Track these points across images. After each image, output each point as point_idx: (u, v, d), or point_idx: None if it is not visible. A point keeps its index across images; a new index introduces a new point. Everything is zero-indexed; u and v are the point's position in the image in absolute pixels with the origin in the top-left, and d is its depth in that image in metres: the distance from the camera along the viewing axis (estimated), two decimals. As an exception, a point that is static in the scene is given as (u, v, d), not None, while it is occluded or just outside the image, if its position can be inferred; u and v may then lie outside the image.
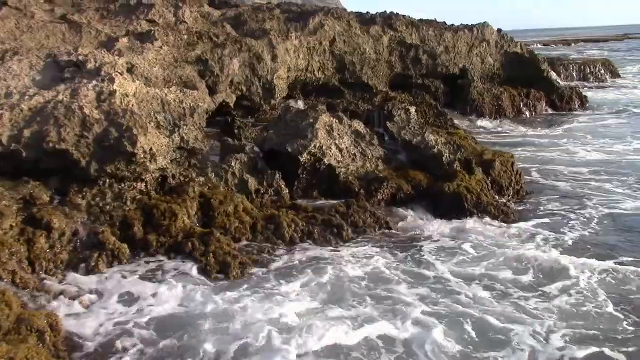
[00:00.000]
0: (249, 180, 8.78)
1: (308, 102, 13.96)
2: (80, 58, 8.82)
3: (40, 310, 5.59)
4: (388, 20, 17.56)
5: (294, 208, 8.59)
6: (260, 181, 8.86)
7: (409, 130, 10.57)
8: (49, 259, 6.68)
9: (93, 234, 7.11)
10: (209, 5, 15.03)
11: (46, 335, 5.16)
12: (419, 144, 10.24)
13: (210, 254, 7.11)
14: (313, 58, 15.14)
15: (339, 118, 10.14)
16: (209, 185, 8.49)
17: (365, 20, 17.30)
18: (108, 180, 7.70)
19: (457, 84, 18.42)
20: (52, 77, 8.49)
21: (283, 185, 8.98)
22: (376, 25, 17.05)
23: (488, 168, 10.13)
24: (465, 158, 10.04)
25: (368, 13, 18.03)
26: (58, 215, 7.03)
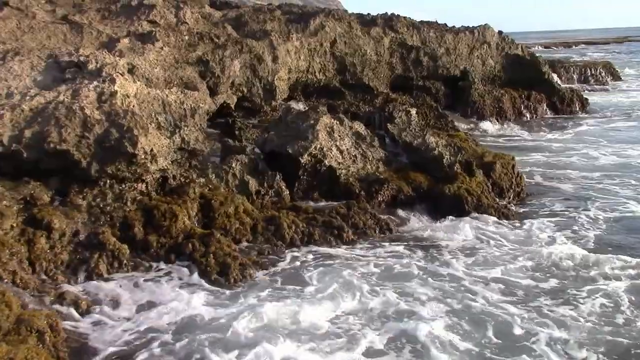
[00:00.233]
0: (249, 181, 8.78)
1: (309, 104, 13.97)
2: (81, 58, 8.83)
3: (41, 311, 5.58)
4: (389, 21, 17.55)
5: (294, 209, 8.59)
6: (260, 182, 8.87)
7: (410, 132, 10.57)
8: (49, 259, 6.68)
9: (93, 235, 7.11)
10: (210, 6, 15.03)
11: (46, 335, 5.15)
12: (420, 146, 10.24)
13: (210, 255, 7.11)
14: (314, 59, 15.14)
15: (339, 119, 10.14)
16: (210, 186, 8.49)
17: (366, 21, 17.29)
18: (108, 181, 7.70)
19: (458, 86, 18.41)
20: (53, 78, 8.50)
21: (283, 187, 8.98)
22: (377, 26, 17.04)
23: (488, 170, 10.14)
24: (465, 160, 10.04)
25: (369, 14, 18.02)
26: (58, 216, 7.03)
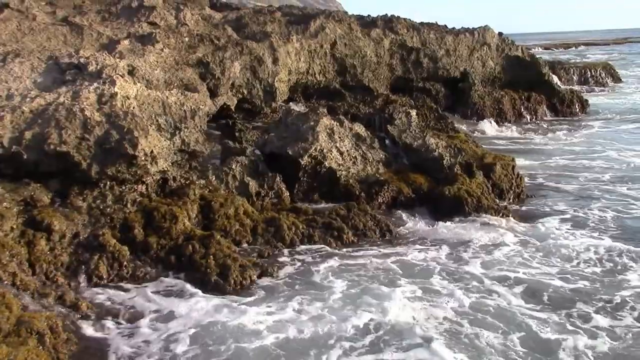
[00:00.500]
0: (249, 183, 8.78)
1: (309, 105, 13.96)
2: (82, 60, 8.84)
3: (41, 312, 5.58)
4: (389, 23, 17.56)
5: (294, 211, 8.59)
6: (260, 184, 8.87)
7: (410, 134, 10.57)
8: (49, 261, 6.68)
9: (93, 236, 7.10)
10: (210, 8, 15.04)
11: (46, 337, 5.16)
12: (420, 147, 10.24)
13: (210, 257, 7.10)
14: (314, 61, 15.14)
15: (339, 121, 10.15)
16: (210, 187, 8.49)
17: (366, 23, 17.30)
18: (109, 183, 7.70)
19: (458, 87, 18.41)
20: (53, 79, 8.50)
21: (283, 188, 8.99)
22: (377, 28, 17.04)
23: (488, 171, 10.15)
24: (465, 161, 10.06)
25: (369, 16, 18.02)
26: (58, 217, 7.03)
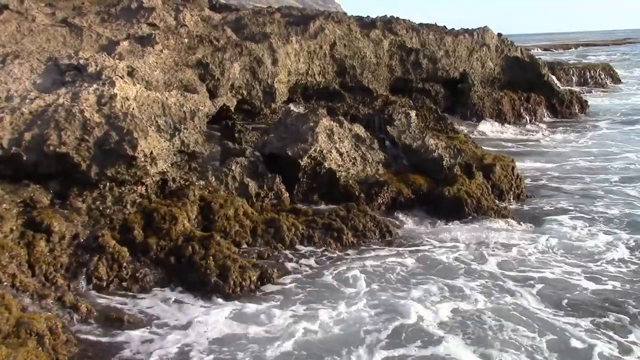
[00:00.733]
0: (249, 184, 8.78)
1: (308, 106, 13.97)
2: (81, 61, 8.84)
3: (40, 314, 5.58)
4: (388, 24, 17.57)
5: (294, 212, 8.59)
6: (260, 185, 8.87)
7: (409, 134, 10.58)
8: (49, 262, 6.67)
9: (93, 237, 7.10)
10: (210, 9, 15.05)
11: (45, 338, 5.15)
12: (419, 148, 10.25)
13: (210, 258, 7.10)
14: (313, 62, 15.15)
15: (339, 122, 10.15)
16: (209, 188, 8.49)
17: (366, 24, 17.31)
18: (108, 184, 7.70)
19: (457, 88, 18.42)
20: (53, 81, 8.50)
21: (283, 189, 8.98)
22: (376, 29, 17.05)
23: (488, 172, 10.16)
24: (465, 162, 10.06)
25: (368, 17, 18.04)
26: (58, 219, 7.03)
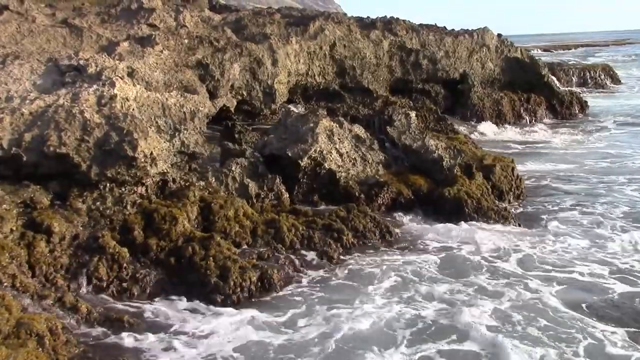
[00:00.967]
0: (249, 185, 8.78)
1: (308, 107, 13.98)
2: (81, 62, 8.84)
3: (41, 314, 5.57)
4: (388, 24, 17.58)
5: (294, 212, 8.59)
6: (260, 185, 8.86)
7: (409, 135, 10.58)
8: (49, 262, 6.66)
9: (93, 238, 7.09)
10: (210, 10, 15.06)
11: (45, 339, 5.15)
12: (419, 149, 10.25)
13: (210, 258, 7.09)
14: (313, 62, 15.15)
15: (339, 122, 10.15)
16: (209, 189, 8.48)
17: (366, 24, 17.33)
18: (108, 184, 7.69)
19: (457, 89, 18.44)
20: (53, 81, 8.50)
21: (283, 190, 8.98)
22: (376, 29, 17.07)
23: (488, 173, 10.16)
24: (465, 163, 10.06)
25: (368, 17, 18.07)
26: (58, 219, 7.02)
